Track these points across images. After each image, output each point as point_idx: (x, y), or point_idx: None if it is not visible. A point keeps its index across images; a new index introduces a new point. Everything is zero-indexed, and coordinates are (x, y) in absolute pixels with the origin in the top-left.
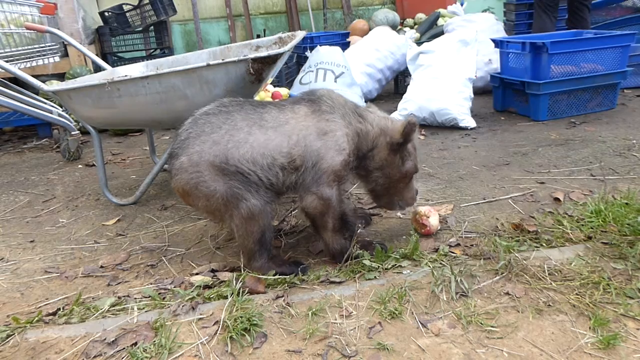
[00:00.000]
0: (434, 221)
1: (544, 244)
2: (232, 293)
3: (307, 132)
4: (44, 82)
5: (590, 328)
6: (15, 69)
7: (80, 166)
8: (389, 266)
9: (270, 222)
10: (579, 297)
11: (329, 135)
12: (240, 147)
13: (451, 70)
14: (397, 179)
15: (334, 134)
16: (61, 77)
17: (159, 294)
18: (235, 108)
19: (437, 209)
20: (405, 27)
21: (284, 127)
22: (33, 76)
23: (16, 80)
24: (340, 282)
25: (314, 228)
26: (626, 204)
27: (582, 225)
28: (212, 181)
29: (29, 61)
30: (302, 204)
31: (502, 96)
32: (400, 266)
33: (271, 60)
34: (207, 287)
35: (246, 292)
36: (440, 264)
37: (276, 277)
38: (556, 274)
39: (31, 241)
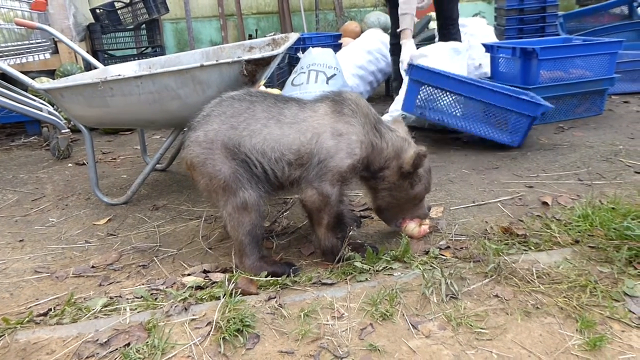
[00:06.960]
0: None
1: (533, 248)
2: (225, 294)
3: (322, 129)
4: (32, 78)
5: (577, 330)
6: (5, 65)
7: (70, 165)
8: (380, 268)
9: (262, 218)
10: (566, 299)
11: (344, 137)
12: (254, 136)
13: None
14: (405, 201)
15: (348, 137)
16: (51, 74)
17: (151, 294)
18: (259, 99)
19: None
20: None
21: (300, 124)
22: (21, 72)
23: (4, 77)
24: (331, 284)
25: (309, 222)
26: (612, 208)
27: (570, 229)
28: (220, 162)
29: (18, 57)
30: (302, 197)
31: None
32: (391, 268)
33: (265, 62)
34: (199, 287)
35: (238, 293)
36: (431, 266)
37: (268, 278)
38: (544, 277)
39: (20, 240)
